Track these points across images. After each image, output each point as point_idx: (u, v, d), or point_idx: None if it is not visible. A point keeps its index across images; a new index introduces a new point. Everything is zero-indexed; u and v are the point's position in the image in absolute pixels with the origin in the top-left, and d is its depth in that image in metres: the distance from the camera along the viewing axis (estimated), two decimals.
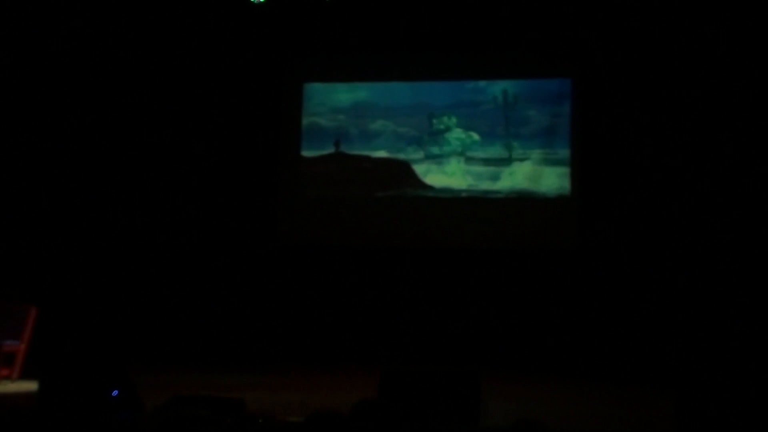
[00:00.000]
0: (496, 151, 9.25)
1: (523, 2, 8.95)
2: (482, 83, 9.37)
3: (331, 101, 9.67)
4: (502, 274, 9.02)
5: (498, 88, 9.30)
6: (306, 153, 9.66)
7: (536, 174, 9.12)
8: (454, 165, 9.32)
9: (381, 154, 9.50)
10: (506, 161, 9.22)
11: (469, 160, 9.30)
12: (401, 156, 9.45)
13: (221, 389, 6.81)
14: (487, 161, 9.25)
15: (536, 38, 9.10)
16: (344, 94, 9.65)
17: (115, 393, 5.67)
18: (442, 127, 9.38)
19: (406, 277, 9.18)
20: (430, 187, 9.37)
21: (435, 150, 9.39)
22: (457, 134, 9.36)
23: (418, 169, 9.40)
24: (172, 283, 9.31)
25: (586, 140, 9.00)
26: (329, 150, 9.63)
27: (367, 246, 9.32)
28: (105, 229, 9.34)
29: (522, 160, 9.19)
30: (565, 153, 9.07)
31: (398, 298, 9.12)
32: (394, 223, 9.30)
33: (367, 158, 9.52)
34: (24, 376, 7.90)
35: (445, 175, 9.34)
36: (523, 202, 9.15)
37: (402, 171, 9.42)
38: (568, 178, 9.03)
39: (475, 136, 9.32)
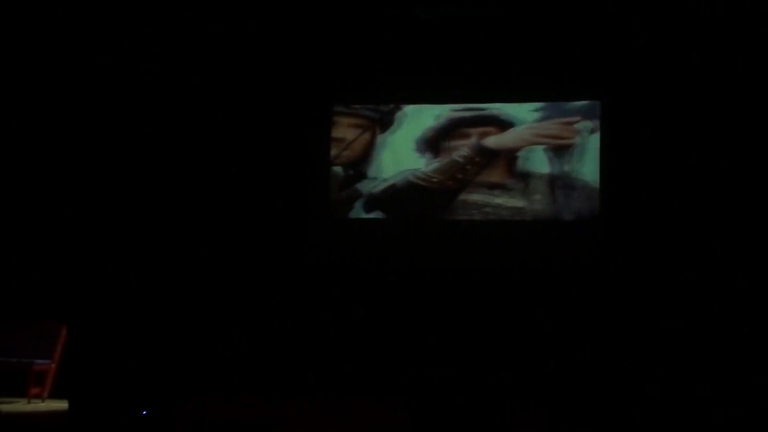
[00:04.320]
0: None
1: (551, 24, 8.95)
2: (510, 106, 9.34)
3: None
4: (531, 297, 8.95)
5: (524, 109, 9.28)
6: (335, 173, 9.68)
7: (564, 196, 9.07)
8: (483, 187, 9.29)
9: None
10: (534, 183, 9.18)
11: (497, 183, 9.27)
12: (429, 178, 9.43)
13: (247, 412, 6.81)
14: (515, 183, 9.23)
15: (564, 60, 9.09)
16: None
17: (144, 413, 5.71)
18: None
19: (433, 299, 9.14)
20: (459, 209, 9.33)
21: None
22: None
23: (446, 191, 9.38)
24: (201, 303, 9.33)
25: (614, 162, 8.95)
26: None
27: (395, 268, 9.29)
28: (135, 248, 9.41)
29: (550, 182, 9.15)
30: (594, 175, 9.01)
31: (426, 321, 9.08)
32: (420, 244, 9.27)
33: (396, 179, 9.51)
34: (54, 395, 7.97)
35: (473, 196, 9.31)
36: (550, 223, 9.09)
37: (429, 193, 9.40)
38: (597, 200, 8.97)
39: None
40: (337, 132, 9.58)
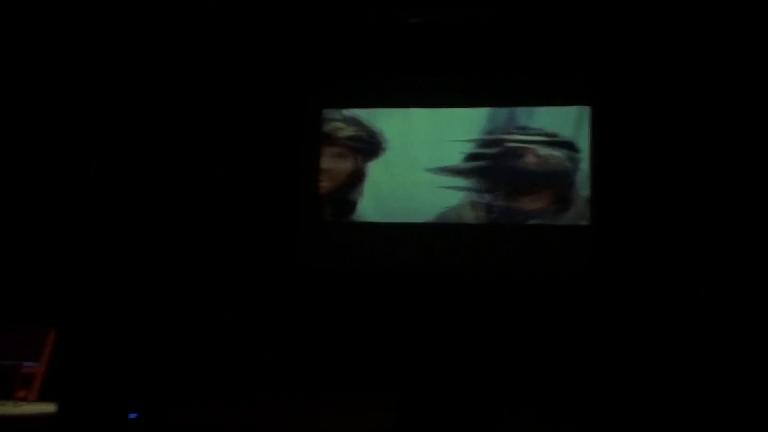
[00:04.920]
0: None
1: (542, 29, 8.99)
2: (501, 110, 9.35)
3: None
4: (521, 302, 8.98)
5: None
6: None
7: (555, 201, 9.10)
8: (474, 192, 9.31)
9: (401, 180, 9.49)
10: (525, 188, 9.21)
11: (489, 187, 9.28)
12: (421, 182, 9.43)
13: (237, 414, 6.80)
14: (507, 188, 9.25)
15: (555, 65, 9.13)
16: (364, 119, 9.68)
17: (132, 416, 5.70)
18: (462, 153, 9.37)
19: (423, 303, 9.16)
20: (449, 214, 9.34)
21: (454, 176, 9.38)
22: (477, 160, 9.35)
23: (437, 194, 9.38)
24: (191, 306, 9.33)
25: (605, 168, 8.98)
26: None
27: (386, 271, 9.30)
28: (125, 251, 9.39)
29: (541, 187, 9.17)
30: (584, 181, 9.05)
31: (415, 324, 9.09)
32: (412, 249, 9.28)
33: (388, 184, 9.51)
34: (42, 398, 7.94)
35: (465, 200, 9.32)
36: (541, 230, 9.10)
37: (421, 197, 9.41)
38: (588, 207, 9.00)
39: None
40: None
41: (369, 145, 9.61)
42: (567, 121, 9.14)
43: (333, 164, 9.64)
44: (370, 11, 8.85)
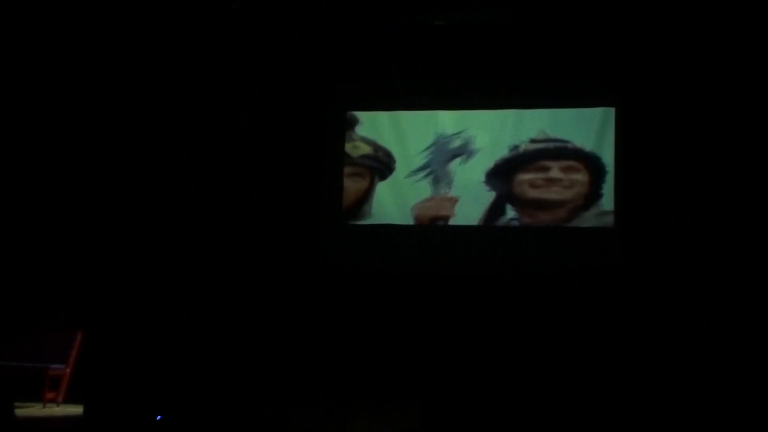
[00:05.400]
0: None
1: (566, 31, 8.95)
2: (527, 112, 9.32)
3: (374, 128, 9.70)
4: (545, 304, 8.93)
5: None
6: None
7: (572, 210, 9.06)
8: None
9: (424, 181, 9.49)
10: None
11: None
12: (443, 183, 9.43)
13: (259, 416, 6.82)
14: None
15: (579, 67, 9.08)
16: (386, 121, 9.68)
17: (159, 418, 5.74)
18: (484, 155, 9.35)
19: (446, 305, 9.13)
20: (472, 215, 9.32)
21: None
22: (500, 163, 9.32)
23: (462, 196, 9.37)
24: (216, 308, 9.36)
25: (629, 170, 8.91)
26: None
27: (409, 273, 9.29)
28: (150, 254, 9.45)
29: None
30: (608, 183, 8.99)
31: (439, 326, 9.07)
32: (434, 251, 9.27)
33: (411, 185, 9.51)
34: (69, 400, 8.02)
35: (489, 203, 9.30)
36: (565, 232, 9.06)
37: (444, 198, 9.40)
38: (612, 209, 8.94)
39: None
40: None
41: (384, 165, 9.59)
42: (591, 125, 9.09)
43: (349, 183, 9.61)
44: (394, 14, 8.85)
